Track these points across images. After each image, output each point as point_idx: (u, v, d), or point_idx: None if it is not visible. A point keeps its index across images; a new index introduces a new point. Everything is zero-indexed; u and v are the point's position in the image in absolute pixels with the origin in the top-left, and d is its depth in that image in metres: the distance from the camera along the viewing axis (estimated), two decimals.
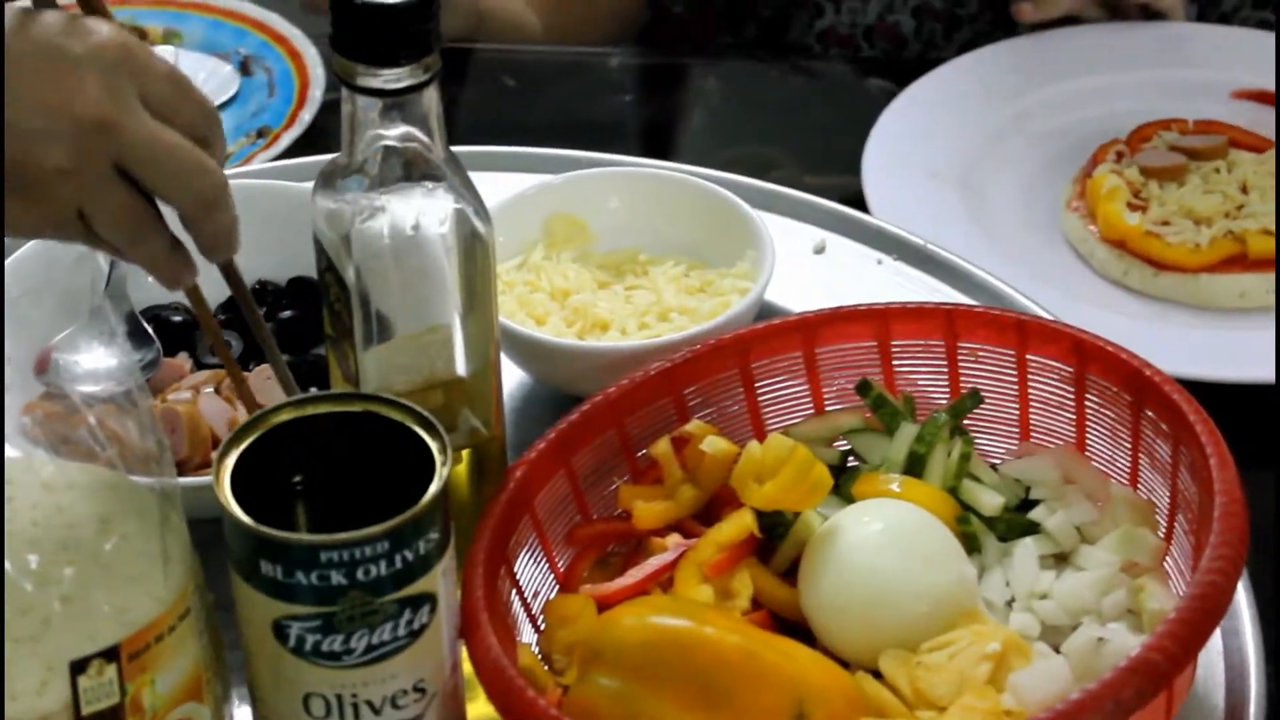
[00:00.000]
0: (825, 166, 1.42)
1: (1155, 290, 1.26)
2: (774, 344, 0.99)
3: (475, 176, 0.88)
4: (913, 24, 1.62)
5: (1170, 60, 1.49)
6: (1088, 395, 0.94)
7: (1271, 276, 1.24)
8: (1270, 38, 1.55)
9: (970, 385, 0.98)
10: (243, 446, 0.79)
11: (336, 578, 0.76)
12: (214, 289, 1.11)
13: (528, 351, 1.07)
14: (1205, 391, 1.09)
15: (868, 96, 1.49)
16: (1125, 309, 1.25)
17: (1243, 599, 0.94)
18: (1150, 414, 0.90)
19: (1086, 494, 0.92)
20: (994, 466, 0.96)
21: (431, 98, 0.84)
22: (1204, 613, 0.77)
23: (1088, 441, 0.95)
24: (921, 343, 0.99)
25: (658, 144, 1.50)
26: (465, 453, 0.91)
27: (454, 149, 0.87)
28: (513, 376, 1.09)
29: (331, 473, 0.82)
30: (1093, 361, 0.93)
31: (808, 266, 1.20)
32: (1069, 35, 1.51)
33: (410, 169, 0.85)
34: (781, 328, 0.99)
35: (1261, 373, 1.15)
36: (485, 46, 1.57)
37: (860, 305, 1.00)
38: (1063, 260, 1.30)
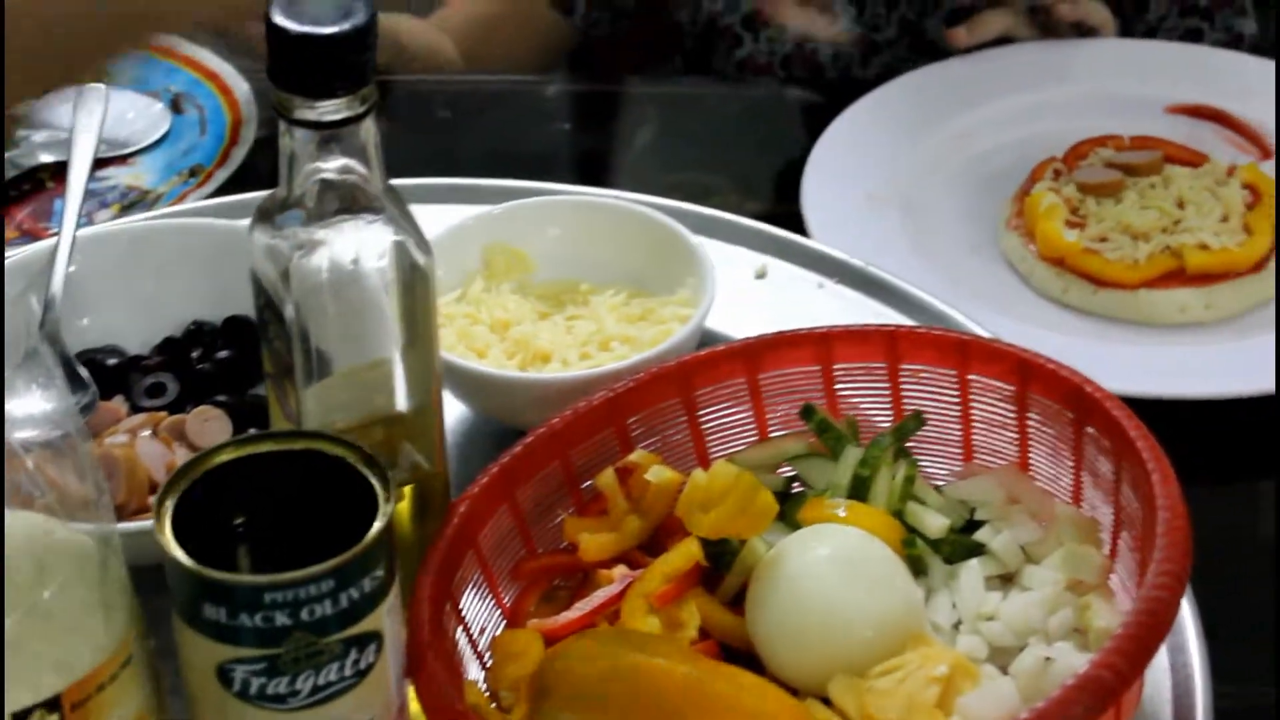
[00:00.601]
0: (765, 191, 1.43)
1: (1095, 307, 1.26)
2: (716, 371, 0.99)
3: (412, 209, 0.88)
4: (830, 51, 1.63)
5: (1104, 77, 1.51)
6: (1030, 414, 0.94)
7: (1208, 291, 1.25)
8: (1201, 51, 1.57)
9: (913, 407, 0.98)
10: (183, 489, 0.79)
11: (281, 619, 0.75)
12: (148, 330, 1.12)
13: (469, 385, 1.07)
14: (1147, 407, 1.11)
15: (805, 120, 1.50)
16: (1066, 327, 1.26)
17: (1188, 614, 0.94)
18: (1092, 431, 0.90)
19: (1030, 513, 0.93)
20: (938, 488, 0.96)
21: (369, 129, 0.84)
22: (1149, 629, 0.78)
23: (1031, 460, 0.95)
24: (864, 366, 0.99)
25: (596, 172, 1.50)
26: (408, 489, 0.90)
27: (391, 181, 0.87)
28: (455, 410, 1.08)
29: (274, 513, 0.82)
30: (1034, 380, 0.94)
31: (749, 292, 1.20)
32: (1003, 55, 1.52)
33: (349, 202, 0.85)
34: (723, 354, 1.00)
35: (1201, 387, 1.16)
36: (417, 78, 1.57)
37: (802, 329, 1.00)
38: (1003, 279, 1.31)
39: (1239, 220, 1.30)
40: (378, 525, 0.77)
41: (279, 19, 0.80)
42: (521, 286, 1.15)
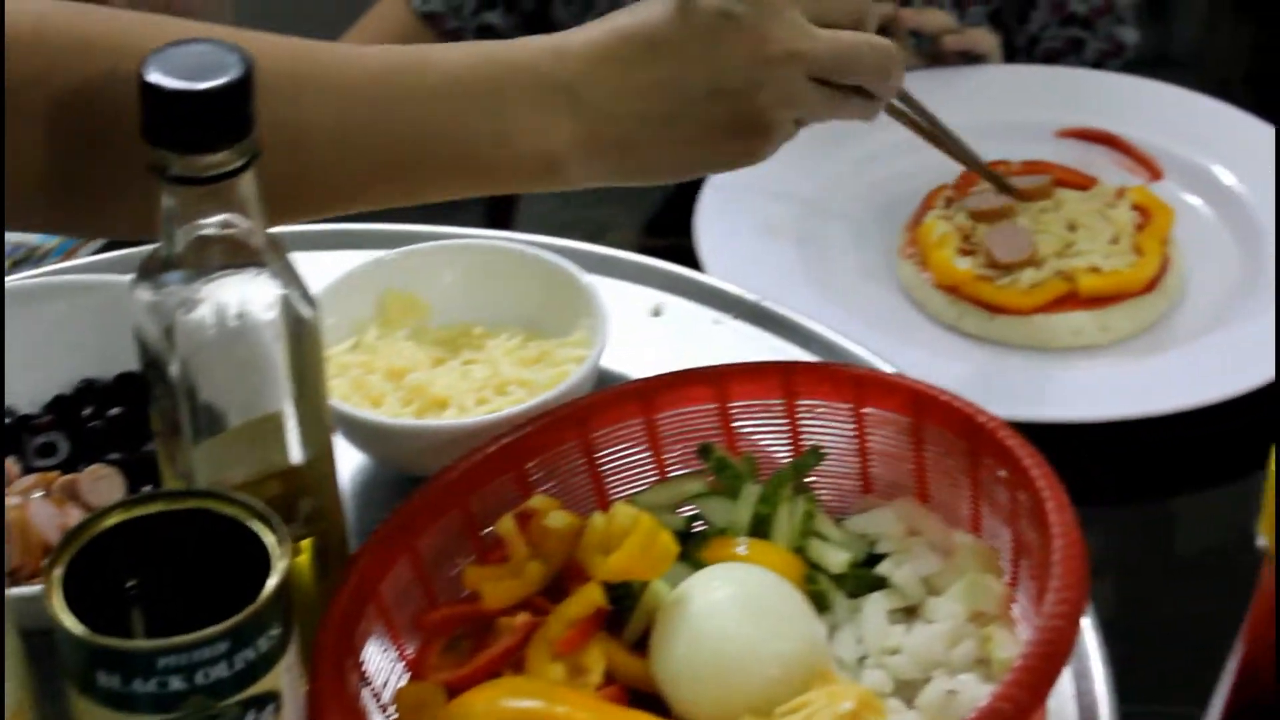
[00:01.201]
0: (661, 226, 1.43)
1: (991, 334, 1.27)
2: (613, 412, 0.99)
3: (303, 256, 0.88)
4: None
5: (994, 102, 1.52)
6: (926, 445, 0.95)
7: (1102, 313, 1.27)
8: (1089, 74, 1.58)
9: (811, 442, 0.98)
10: (72, 554, 0.78)
11: (176, 683, 0.74)
12: (38, 389, 1.10)
13: (365, 434, 1.06)
14: (1046, 431, 1.11)
15: None
16: (963, 355, 1.27)
17: (1090, 640, 0.95)
18: (988, 461, 0.91)
19: (931, 544, 0.93)
20: (839, 522, 0.96)
21: (249, 182, 0.83)
22: (1048, 659, 0.78)
23: (929, 491, 0.96)
24: (761, 402, 0.99)
25: (490, 213, 1.50)
26: (306, 543, 0.89)
27: (282, 229, 0.86)
28: (352, 460, 1.08)
29: (167, 574, 0.81)
30: (929, 412, 0.94)
31: (645, 330, 1.20)
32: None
33: (231, 257, 0.84)
34: (620, 395, 0.99)
35: (1098, 410, 1.17)
36: None
37: (698, 368, 1.00)
38: (899, 308, 1.32)
39: (1129, 242, 1.31)
40: (272, 583, 0.76)
41: (152, 76, 0.79)
42: (416, 333, 1.14)
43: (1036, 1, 1.67)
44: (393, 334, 1.13)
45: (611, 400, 0.99)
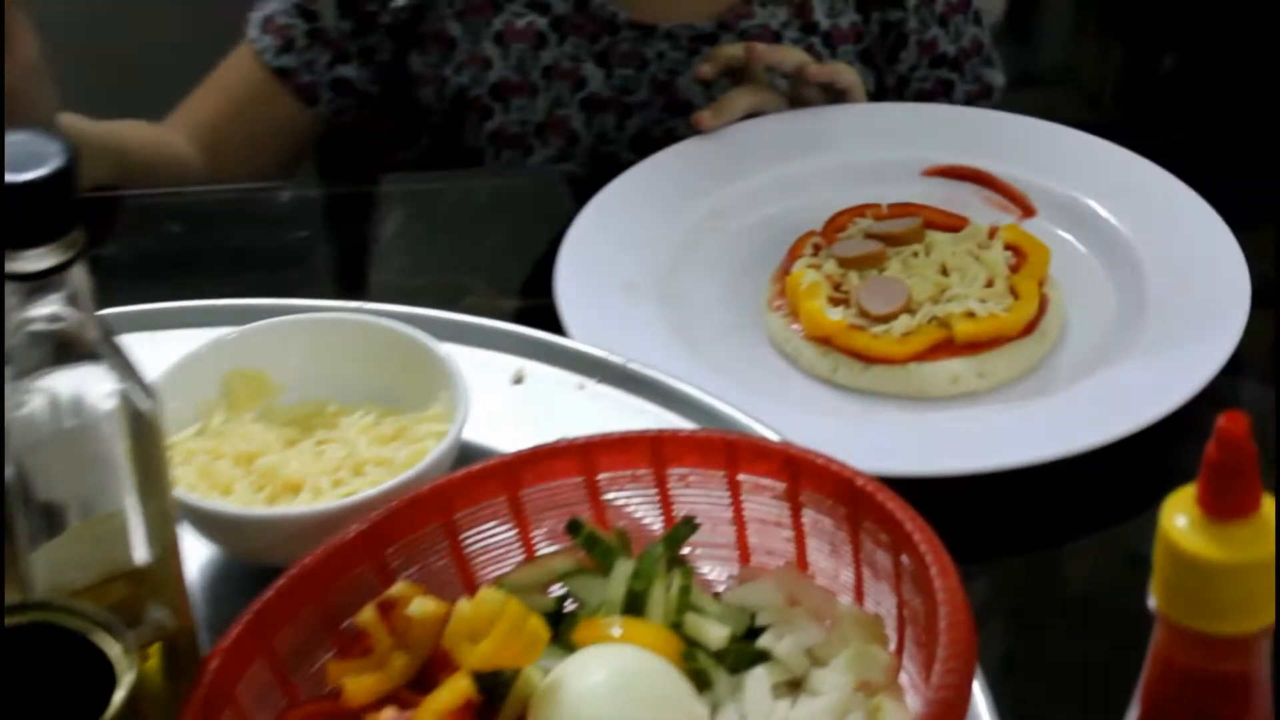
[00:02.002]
0: (519, 286, 1.43)
1: (865, 385, 1.28)
2: (476, 491, 0.99)
3: (143, 337, 0.87)
4: (583, 117, 1.64)
5: (857, 142, 1.53)
6: (803, 511, 0.95)
7: (979, 359, 1.27)
8: (954, 110, 1.60)
9: (684, 512, 0.98)
10: None
11: None
12: None
13: (214, 525, 1.05)
14: (927, 486, 1.12)
15: (560, 202, 1.50)
16: (837, 408, 1.27)
17: (981, 706, 0.95)
18: (868, 525, 0.91)
19: (813, 614, 0.93)
20: (717, 595, 0.97)
21: (79, 274, 0.82)
22: None
23: (809, 558, 0.96)
24: (630, 473, 0.99)
25: (340, 281, 1.49)
26: (154, 648, 0.89)
27: (119, 309, 0.86)
28: (201, 553, 1.07)
29: (7, 693, 0.80)
30: (805, 476, 0.94)
31: (506, 399, 1.20)
32: (755, 127, 1.54)
33: (64, 352, 0.83)
34: (482, 473, 0.99)
35: (981, 461, 1.17)
36: (142, 192, 1.55)
37: (562, 441, 1.00)
38: (770, 363, 1.32)
39: (1004, 284, 1.32)
40: (118, 696, 0.76)
41: None
42: (265, 413, 1.13)
43: (906, 41, 1.69)
44: (240, 416, 1.12)
45: (474, 478, 0.99)
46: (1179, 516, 0.65)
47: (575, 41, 1.63)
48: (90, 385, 0.83)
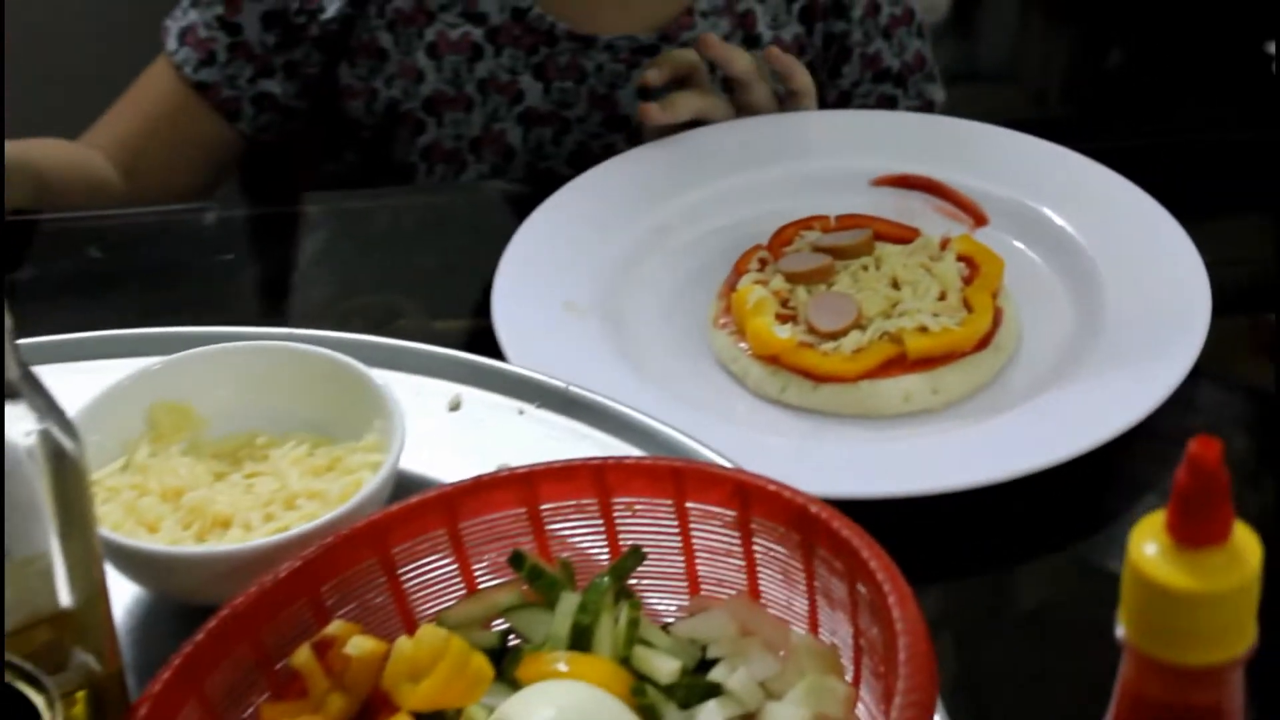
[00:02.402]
0: (455, 307, 1.42)
1: (816, 404, 1.28)
2: (414, 524, 0.98)
3: (65, 369, 0.87)
4: (520, 131, 1.64)
5: (805, 152, 1.53)
6: (755, 539, 0.95)
7: (933, 376, 1.27)
8: (901, 117, 1.61)
9: (631, 542, 0.98)
10: None
11: None
12: None
13: (141, 565, 1.04)
14: (882, 507, 1.12)
15: (493, 222, 1.50)
16: (787, 429, 1.27)
17: None
18: (822, 553, 0.91)
19: (766, 645, 0.93)
20: (666, 627, 0.96)
21: None
22: None
23: (761, 588, 0.96)
24: (573, 503, 0.99)
25: (266, 306, 1.48)
26: (80, 695, 0.88)
27: (36, 339, 0.85)
28: (128, 594, 1.06)
29: None
30: (755, 503, 0.94)
31: (444, 426, 1.19)
32: (700, 137, 1.54)
33: None
34: (420, 506, 0.99)
35: (934, 482, 1.17)
36: (59, 215, 1.54)
37: (503, 470, 0.99)
38: (717, 383, 1.32)
39: (958, 297, 1.32)
40: None
41: None
42: (193, 446, 1.13)
43: (849, 55, 1.70)
44: (166, 450, 1.12)
45: (411, 511, 0.99)
46: (1148, 544, 0.65)
47: (512, 53, 1.63)
48: (9, 425, 0.83)
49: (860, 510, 0.92)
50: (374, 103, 1.65)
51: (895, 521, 1.08)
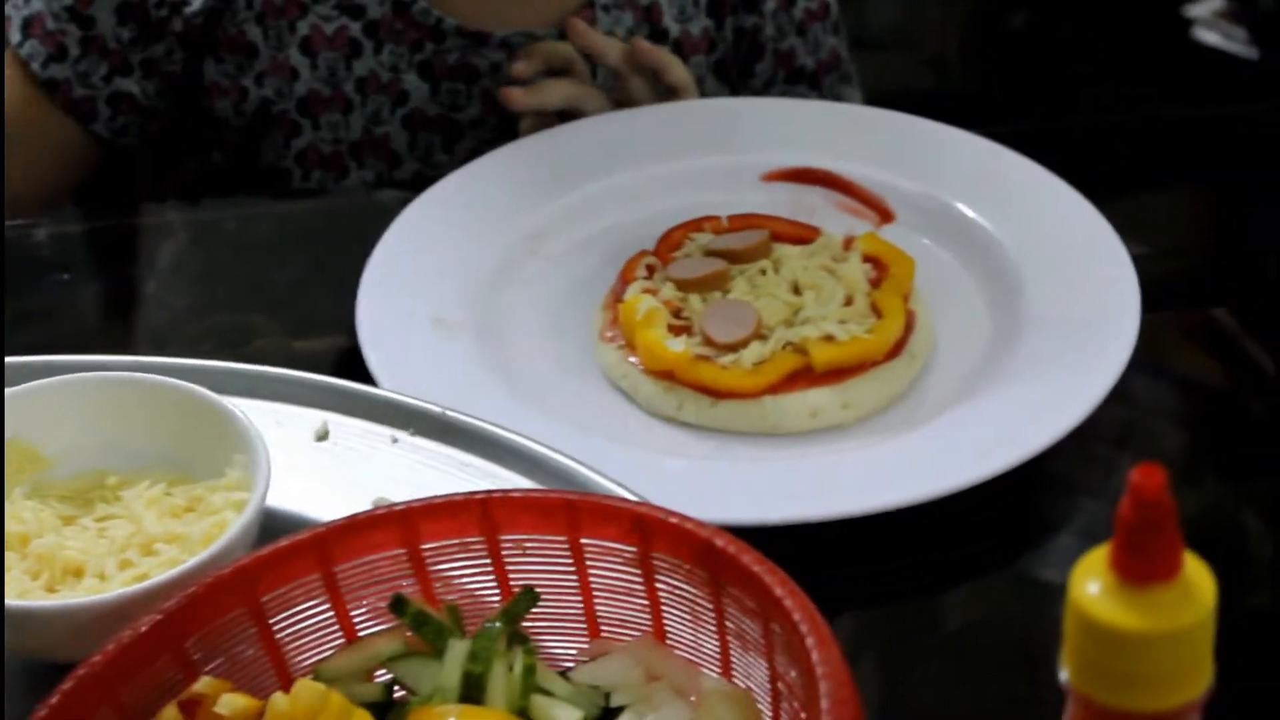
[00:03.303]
0: (318, 326, 1.42)
1: (716, 423, 1.28)
2: (285, 569, 0.98)
3: None
4: (405, 136, 1.63)
5: (692, 146, 1.54)
6: (658, 576, 0.95)
7: (842, 389, 1.28)
8: (799, 105, 1.61)
9: (523, 582, 0.98)
10: None
11: None
12: None
13: None
14: (792, 533, 1.13)
15: (359, 231, 1.49)
16: (686, 450, 1.27)
17: None
18: (732, 590, 0.92)
19: (675, 690, 0.94)
20: (566, 674, 0.97)
21: None
22: None
23: (667, 629, 0.96)
24: (458, 541, 0.99)
25: (110, 331, 1.47)
26: None
27: None
28: None
29: None
30: (657, 537, 0.94)
31: (311, 458, 1.19)
32: (575, 132, 1.55)
33: None
34: (291, 549, 0.98)
35: (846, 505, 1.18)
36: None
37: (380, 508, 0.99)
38: (607, 402, 1.32)
39: (865, 301, 1.33)
40: None
41: None
42: (37, 488, 1.12)
43: (762, 51, 1.70)
44: (8, 493, 1.11)
45: (282, 555, 0.98)
46: (1091, 583, 0.65)
47: (394, 50, 1.62)
48: None
49: (770, 537, 0.93)
50: (243, 103, 1.63)
51: (809, 547, 1.10)
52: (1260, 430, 1.35)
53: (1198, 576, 0.65)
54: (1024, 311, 1.35)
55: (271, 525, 1.06)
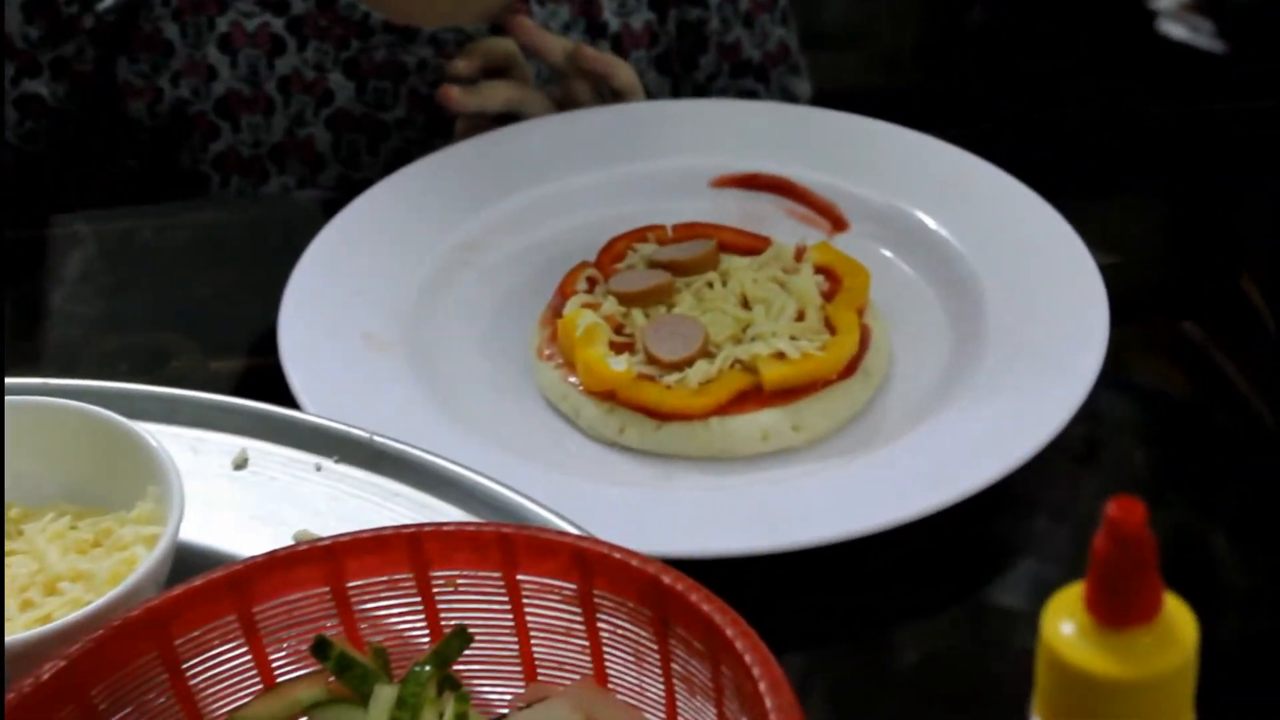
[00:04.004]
0: (237, 344, 1.41)
1: (660, 446, 1.27)
2: (200, 610, 0.96)
3: None
4: (329, 137, 1.62)
5: (635, 150, 1.53)
6: (600, 616, 0.94)
7: (793, 409, 1.27)
8: (747, 106, 1.60)
9: (455, 622, 0.97)
10: None
11: None
12: None
13: None
14: (741, 566, 1.12)
15: (282, 243, 1.48)
16: (629, 477, 1.26)
17: None
18: (679, 630, 0.90)
19: None
20: (501, 719, 0.95)
21: None
22: None
23: (609, 671, 0.95)
24: (386, 579, 0.98)
25: (12, 352, 1.45)
26: None
27: None
28: None
29: None
30: (599, 574, 0.93)
31: (229, 488, 1.17)
32: (511, 137, 1.54)
33: None
34: (207, 589, 0.96)
35: (798, 536, 1.16)
36: None
37: (302, 543, 0.98)
38: (546, 424, 1.31)
39: (818, 316, 1.32)
40: None
41: None
42: None
43: (706, 44, 1.70)
44: None
45: (196, 594, 0.96)
46: (1064, 624, 0.64)
47: (318, 47, 1.61)
48: None
49: (718, 567, 0.92)
50: (158, 104, 1.63)
51: (758, 578, 1.08)
52: (1228, 445, 1.35)
53: (1178, 617, 0.64)
54: (986, 326, 1.34)
55: (185, 561, 1.05)
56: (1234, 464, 1.32)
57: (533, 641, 0.97)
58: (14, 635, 1.01)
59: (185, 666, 0.97)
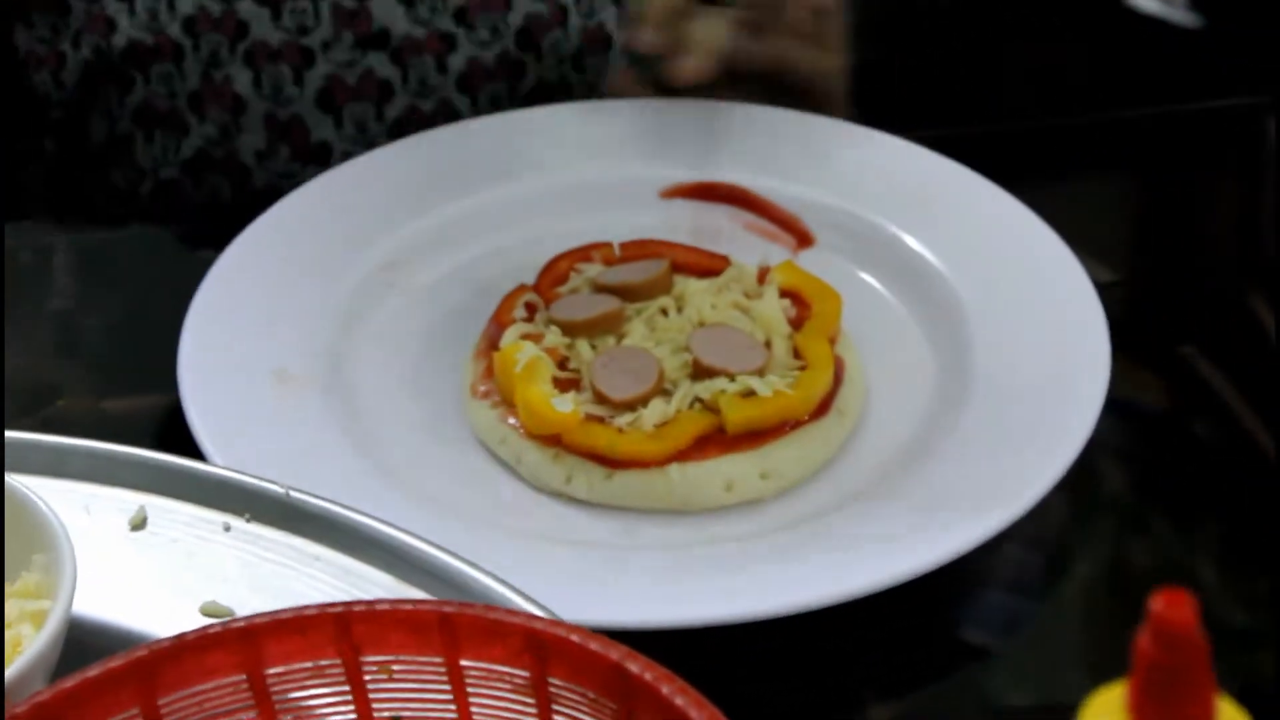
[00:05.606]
0: (133, 381, 1.40)
1: (612, 498, 1.26)
2: (97, 704, 0.94)
3: None
4: (249, 75, 1.64)
5: (575, 157, 1.53)
6: (556, 708, 0.92)
7: (761, 454, 1.25)
8: (699, 107, 1.58)
9: (389, 713, 0.95)
10: None
11: None
12: None
13: None
14: (705, 637, 1.10)
15: (188, 260, 1.47)
16: (580, 533, 1.24)
17: None
18: None
19: None
20: None
21: None
22: None
23: None
24: (311, 665, 0.96)
25: None
26: None
27: None
28: None
29: None
30: (554, 660, 0.91)
31: (126, 553, 1.15)
32: (434, 141, 1.54)
33: None
34: (105, 679, 0.94)
35: (769, 602, 1.14)
36: None
37: (214, 625, 0.96)
38: (483, 473, 1.29)
39: (786, 346, 1.31)
40: None
41: None
42: None
43: None
44: None
45: (94, 686, 0.94)
46: None
47: None
48: None
49: (676, 641, 0.90)
50: (62, 70, 1.62)
51: (722, 649, 1.07)
52: (1216, 469, 1.35)
53: None
54: (970, 355, 1.33)
55: (79, 642, 1.02)
56: (1220, 488, 1.33)
57: None
58: None
59: None
